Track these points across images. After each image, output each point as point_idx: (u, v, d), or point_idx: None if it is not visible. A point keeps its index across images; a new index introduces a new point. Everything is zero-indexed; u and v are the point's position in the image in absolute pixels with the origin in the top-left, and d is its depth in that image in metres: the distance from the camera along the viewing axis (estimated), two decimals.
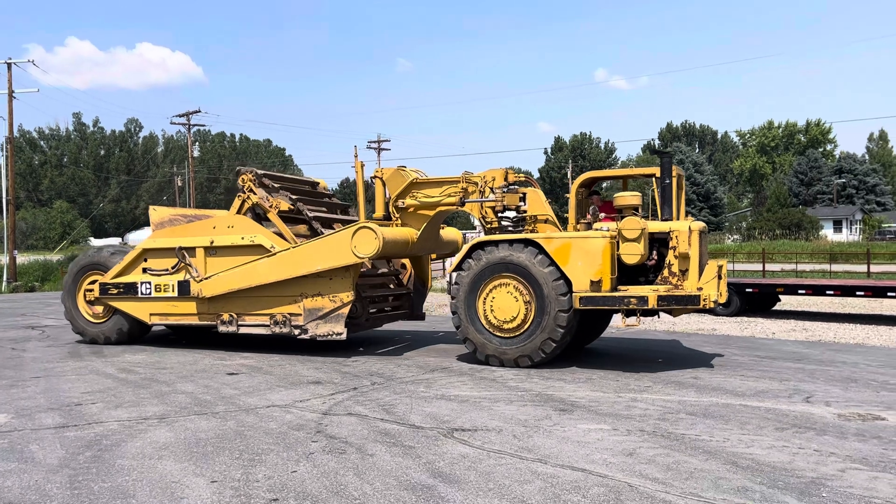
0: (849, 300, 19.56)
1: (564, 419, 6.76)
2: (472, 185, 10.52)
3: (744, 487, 4.86)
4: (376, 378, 8.97)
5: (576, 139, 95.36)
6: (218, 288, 10.94)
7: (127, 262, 11.81)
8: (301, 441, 6.10)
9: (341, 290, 10.29)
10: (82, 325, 12.43)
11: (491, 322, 9.58)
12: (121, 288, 11.77)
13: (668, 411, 7.04)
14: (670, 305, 8.99)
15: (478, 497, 4.76)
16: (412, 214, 10.97)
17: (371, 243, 9.90)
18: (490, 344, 9.58)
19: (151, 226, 12.03)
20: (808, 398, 7.59)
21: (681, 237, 9.13)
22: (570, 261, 9.16)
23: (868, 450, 5.70)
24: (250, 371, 9.58)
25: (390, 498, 4.76)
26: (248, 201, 11.30)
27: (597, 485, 4.95)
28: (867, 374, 9.00)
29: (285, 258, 10.44)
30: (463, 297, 9.72)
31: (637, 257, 9.07)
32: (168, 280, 11.40)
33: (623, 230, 9.11)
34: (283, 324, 10.61)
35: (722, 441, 5.97)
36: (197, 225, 11.48)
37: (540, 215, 10.20)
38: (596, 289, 9.04)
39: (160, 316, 11.64)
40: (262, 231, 10.87)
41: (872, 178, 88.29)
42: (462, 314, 9.73)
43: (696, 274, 9.13)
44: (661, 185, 9.59)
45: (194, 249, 11.17)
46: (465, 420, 6.76)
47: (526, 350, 9.35)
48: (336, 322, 10.34)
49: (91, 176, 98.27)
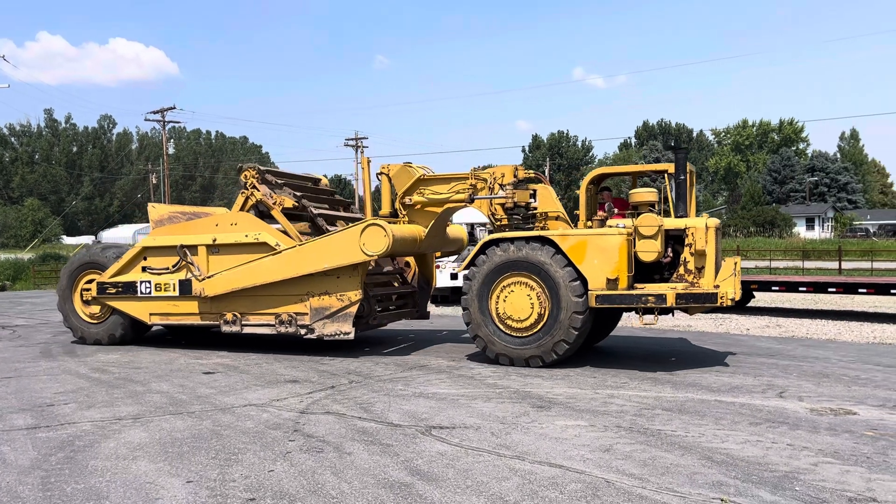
0: (821, 296, 19.86)
1: (542, 416, 6.78)
2: (481, 182, 10.37)
3: (719, 482, 4.92)
4: (354, 376, 8.94)
5: (553, 137, 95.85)
6: (221, 287, 10.72)
7: (126, 261, 11.56)
8: (278, 440, 6.06)
9: (349, 289, 10.09)
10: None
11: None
12: (119, 287, 11.52)
13: (644, 407, 7.09)
14: (688, 304, 8.84)
15: (456, 494, 4.76)
16: (419, 211, 10.83)
17: (381, 241, 9.73)
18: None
19: (151, 223, 11.78)
20: (782, 393, 7.70)
21: (697, 234, 8.98)
22: (586, 258, 8.99)
23: (840, 444, 5.79)
24: (227, 370, 9.50)
25: (368, 496, 4.75)
26: (252, 198, 11.12)
27: (574, 481, 4.98)
28: (839, 370, 9.15)
29: (291, 256, 10.24)
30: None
31: (654, 254, 8.93)
32: (169, 279, 11.16)
33: (640, 227, 8.95)
34: (289, 323, 10.41)
35: (697, 436, 6.03)
36: (199, 222, 11.27)
37: (551, 212, 10.06)
38: (612, 287, 8.87)
39: (160, 316, 11.40)
40: (266, 228, 10.66)
41: (844, 176, 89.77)
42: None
43: (713, 271, 8.99)
44: (676, 181, 9.41)
45: (196, 247, 10.95)
46: (444, 418, 6.76)
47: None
48: (343, 321, 10.14)
49: (63, 173, 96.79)
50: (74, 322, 12.21)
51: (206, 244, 10.90)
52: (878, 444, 5.75)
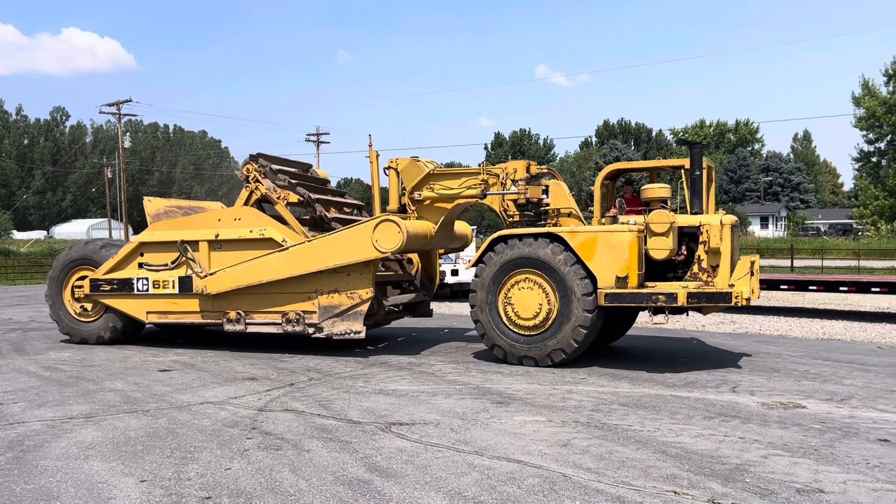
0: (773, 293, 20.35)
1: (501, 411, 6.83)
2: (492, 178, 10.15)
3: (672, 475, 5.02)
4: (314, 374, 8.88)
5: (515, 135, 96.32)
6: (224, 284, 10.31)
7: (121, 257, 11.11)
8: (235, 438, 5.99)
9: (360, 287, 9.77)
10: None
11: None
12: (114, 284, 11.05)
13: (601, 402, 7.19)
14: (700, 303, 8.60)
15: (415, 490, 4.77)
16: (428, 207, 10.55)
17: (394, 237, 9.43)
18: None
19: (148, 218, 11.33)
20: (735, 388, 7.88)
21: (712, 231, 8.79)
22: (596, 256, 8.76)
23: (789, 436, 5.96)
24: (183, 368, 9.35)
25: (326, 493, 4.73)
26: (256, 192, 10.78)
27: (532, 475, 5.03)
28: (789, 365, 9.40)
29: (299, 253, 9.89)
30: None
31: (665, 252, 8.75)
32: (168, 276, 10.74)
33: (651, 224, 8.78)
34: (297, 322, 10.06)
35: (653, 430, 6.14)
36: (199, 217, 10.87)
37: (563, 208, 9.87)
38: (622, 285, 8.64)
39: (158, 314, 10.96)
40: (272, 224, 10.28)
41: (797, 176, 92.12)
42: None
43: (728, 270, 8.80)
44: (691, 176, 9.20)
45: (197, 243, 10.52)
46: (403, 414, 6.76)
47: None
48: (354, 320, 9.81)
49: (13, 166, 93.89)
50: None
51: (208, 240, 10.46)
52: (826, 437, 5.93)
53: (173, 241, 10.70)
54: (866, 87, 53.30)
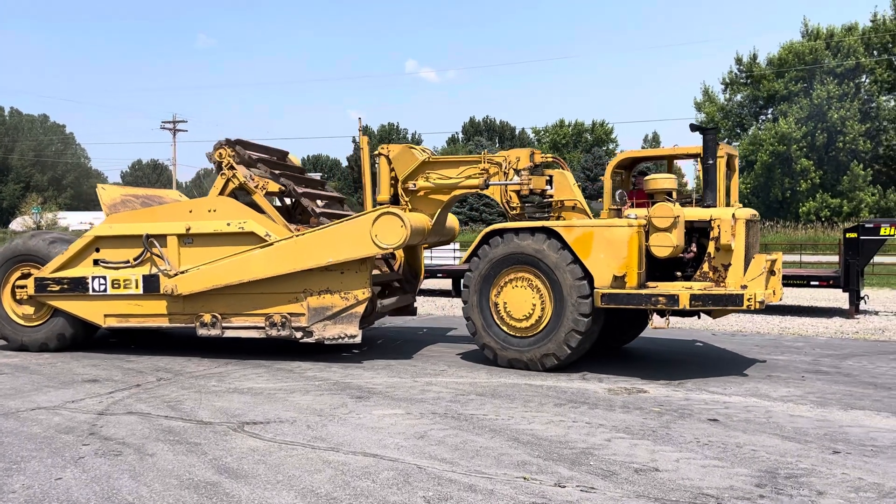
0: None
1: (360, 406, 6.78)
2: (493, 167, 9.46)
3: (523, 462, 5.18)
4: (163, 373, 8.43)
5: (384, 129, 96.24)
6: (198, 284, 9.17)
7: (73, 253, 9.68)
8: (70, 445, 5.56)
9: (356, 286, 8.86)
10: (8, 330, 10.05)
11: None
12: (65, 284, 9.67)
13: (459, 393, 7.32)
14: (706, 305, 7.86)
15: (266, 490, 4.62)
16: (423, 198, 9.77)
17: (396, 232, 8.61)
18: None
19: (104, 208, 9.97)
20: (584, 376, 8.27)
21: (723, 226, 8.07)
22: (592, 253, 8.10)
23: (631, 420, 6.32)
24: (14, 371, 8.58)
25: (169, 499, 4.48)
26: (233, 181, 9.64)
27: (387, 469, 5.02)
28: (635, 352, 9.99)
29: (287, 249, 8.88)
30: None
31: (668, 249, 8.03)
32: (129, 274, 9.48)
33: (653, 218, 8.08)
34: (282, 326, 9.05)
35: (507, 419, 6.31)
36: (167, 208, 9.69)
37: (567, 200, 9.19)
38: (619, 285, 7.98)
39: (118, 317, 9.64)
40: (253, 216, 9.23)
41: None
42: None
43: (741, 269, 8.10)
44: (704, 165, 8.50)
45: (165, 237, 9.33)
46: (258, 413, 6.55)
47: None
48: (348, 322, 8.92)
49: None
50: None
51: (177, 234, 9.30)
52: (663, 419, 6.35)
53: (136, 236, 9.46)
54: (707, 94, 57.83)
